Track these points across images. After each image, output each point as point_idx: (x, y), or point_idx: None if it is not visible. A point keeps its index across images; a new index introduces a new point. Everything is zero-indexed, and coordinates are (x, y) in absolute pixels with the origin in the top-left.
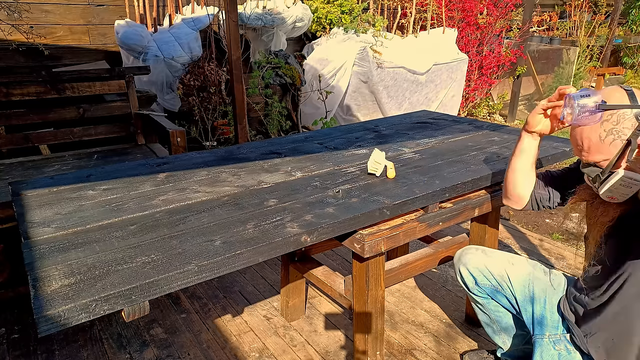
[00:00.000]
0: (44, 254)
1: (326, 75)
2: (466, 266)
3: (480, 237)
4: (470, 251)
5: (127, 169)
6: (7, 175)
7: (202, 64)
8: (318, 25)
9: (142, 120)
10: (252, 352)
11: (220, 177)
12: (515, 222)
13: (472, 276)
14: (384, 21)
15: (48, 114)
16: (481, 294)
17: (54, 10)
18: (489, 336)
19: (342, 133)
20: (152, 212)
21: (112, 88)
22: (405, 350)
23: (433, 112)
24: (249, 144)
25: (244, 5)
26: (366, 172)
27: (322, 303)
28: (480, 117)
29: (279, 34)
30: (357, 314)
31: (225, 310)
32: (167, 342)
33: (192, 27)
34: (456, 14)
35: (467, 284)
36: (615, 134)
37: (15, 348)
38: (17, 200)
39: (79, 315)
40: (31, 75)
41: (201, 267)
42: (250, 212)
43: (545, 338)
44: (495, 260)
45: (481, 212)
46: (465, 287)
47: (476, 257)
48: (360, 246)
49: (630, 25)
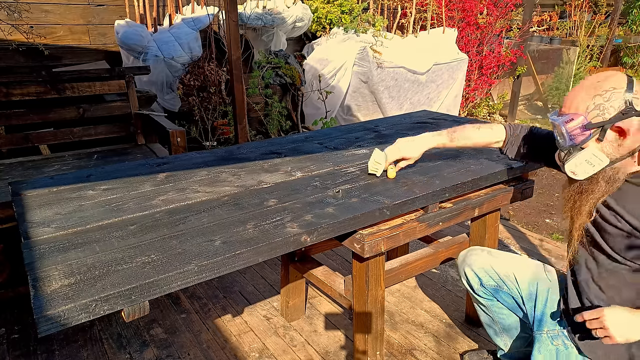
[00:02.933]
0: (44, 254)
1: (326, 75)
2: (471, 267)
3: (480, 237)
4: (475, 252)
5: (127, 169)
6: (7, 175)
7: (202, 64)
8: (318, 25)
9: (142, 120)
10: (252, 352)
11: (220, 177)
12: (515, 222)
13: (477, 277)
14: (384, 21)
15: (48, 114)
16: (486, 295)
17: (54, 10)
18: (490, 337)
19: (342, 133)
20: (152, 212)
21: (112, 88)
22: (405, 350)
23: (433, 112)
24: (249, 144)
25: (244, 5)
26: (366, 172)
27: (322, 303)
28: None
29: (279, 34)
30: (357, 314)
31: (225, 310)
32: (167, 342)
33: (192, 27)
34: (456, 14)
35: (472, 285)
36: (600, 110)
37: (15, 348)
38: (17, 200)
39: (79, 315)
40: (31, 75)
41: (201, 267)
42: (250, 212)
43: (544, 334)
44: (501, 261)
45: (481, 212)
46: (470, 289)
47: (481, 258)
48: (360, 246)
49: (630, 25)
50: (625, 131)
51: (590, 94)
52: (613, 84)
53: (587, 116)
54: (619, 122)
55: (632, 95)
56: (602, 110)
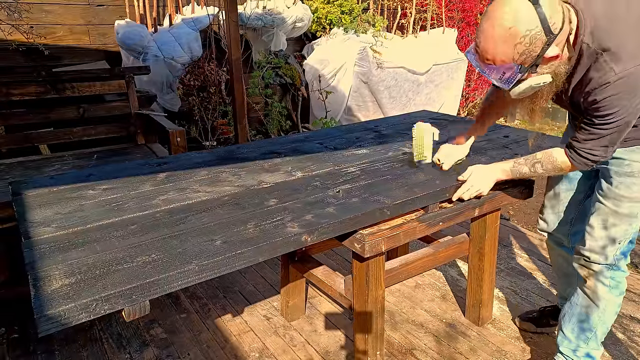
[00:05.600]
0: (44, 253)
1: (326, 75)
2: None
3: (480, 237)
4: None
5: (127, 169)
6: (7, 175)
7: (202, 64)
8: (318, 25)
9: (142, 120)
10: (252, 352)
11: (221, 177)
12: (515, 222)
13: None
14: (384, 21)
15: (48, 114)
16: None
17: (54, 10)
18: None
19: (342, 133)
20: (153, 211)
21: (112, 88)
22: (405, 350)
23: (433, 112)
24: (249, 144)
25: (244, 5)
26: (366, 172)
27: (322, 303)
28: None
29: (279, 34)
30: (357, 314)
31: (225, 310)
32: (167, 342)
33: (192, 27)
34: (456, 14)
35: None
36: (527, 54)
37: (15, 348)
38: (18, 200)
39: (79, 315)
40: (31, 75)
41: (202, 266)
42: (251, 211)
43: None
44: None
45: (481, 212)
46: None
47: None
48: (361, 246)
49: None
50: (556, 56)
51: (509, 45)
52: (525, 24)
53: (516, 64)
54: (546, 52)
55: (544, 16)
56: (528, 54)
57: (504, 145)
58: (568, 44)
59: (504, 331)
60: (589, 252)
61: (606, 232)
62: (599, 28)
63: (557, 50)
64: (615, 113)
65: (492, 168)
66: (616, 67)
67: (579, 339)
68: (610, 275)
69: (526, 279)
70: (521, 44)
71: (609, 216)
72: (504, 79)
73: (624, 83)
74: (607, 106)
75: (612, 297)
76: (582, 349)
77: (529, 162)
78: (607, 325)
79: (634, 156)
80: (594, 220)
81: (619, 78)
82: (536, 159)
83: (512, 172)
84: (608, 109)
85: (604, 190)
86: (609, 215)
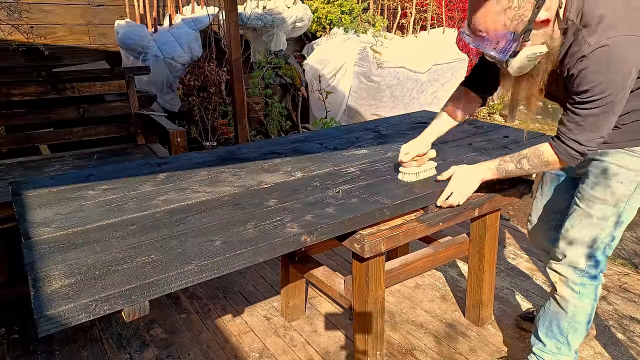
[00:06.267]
0: (44, 254)
1: (326, 75)
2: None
3: (480, 237)
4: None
5: (127, 169)
6: (7, 175)
7: (202, 64)
8: (318, 25)
9: (142, 120)
10: (252, 352)
11: (221, 177)
12: (515, 222)
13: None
14: (384, 21)
15: (48, 114)
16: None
17: (54, 10)
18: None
19: (342, 133)
20: (152, 212)
21: (112, 88)
22: (405, 351)
23: (433, 112)
24: (249, 144)
25: (244, 5)
26: (366, 172)
27: (322, 303)
28: (480, 117)
29: (279, 34)
30: (357, 314)
31: (225, 310)
32: (167, 342)
33: (192, 27)
34: (456, 14)
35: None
36: (518, 19)
37: (15, 348)
38: (17, 200)
39: (79, 315)
40: (31, 75)
41: (201, 267)
42: (251, 212)
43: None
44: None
45: (481, 212)
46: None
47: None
48: (360, 246)
49: None
50: (546, 20)
51: (499, 11)
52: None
53: (508, 31)
54: (538, 16)
55: None
56: (519, 18)
57: (504, 146)
58: (558, 18)
59: (504, 331)
60: (561, 255)
61: (577, 235)
62: (586, 3)
63: (548, 14)
64: (592, 89)
65: (477, 168)
66: (590, 40)
67: (550, 344)
68: (580, 282)
69: (526, 279)
70: (511, 9)
71: (582, 218)
72: (499, 49)
73: (597, 56)
74: (583, 80)
75: (581, 304)
76: (554, 354)
77: (515, 159)
78: (579, 331)
79: (611, 158)
80: (568, 222)
81: (592, 50)
82: (522, 155)
83: (498, 170)
84: (584, 84)
85: (581, 192)
86: (582, 217)
